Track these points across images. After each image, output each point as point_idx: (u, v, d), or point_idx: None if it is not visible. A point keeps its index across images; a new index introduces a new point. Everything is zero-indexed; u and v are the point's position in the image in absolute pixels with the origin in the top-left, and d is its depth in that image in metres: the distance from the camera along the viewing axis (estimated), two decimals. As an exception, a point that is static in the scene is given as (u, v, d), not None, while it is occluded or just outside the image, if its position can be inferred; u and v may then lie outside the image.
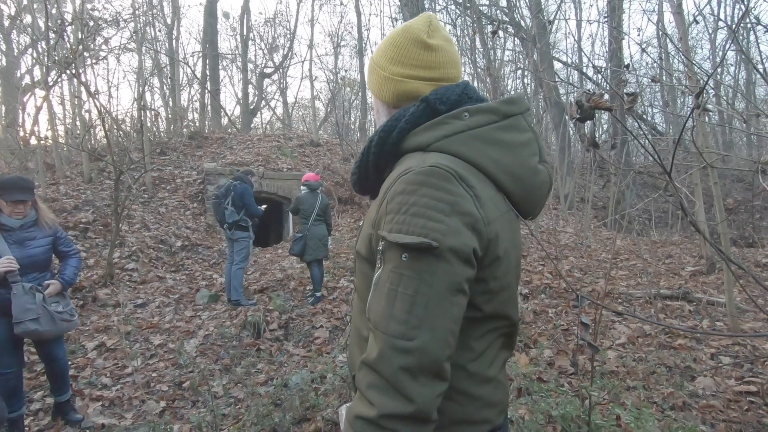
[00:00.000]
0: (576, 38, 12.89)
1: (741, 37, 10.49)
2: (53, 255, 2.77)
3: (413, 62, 0.86)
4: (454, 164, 0.75)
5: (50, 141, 8.40)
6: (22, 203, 2.57)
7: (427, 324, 0.68)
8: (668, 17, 12.72)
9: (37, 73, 10.53)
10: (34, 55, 9.84)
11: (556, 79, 10.57)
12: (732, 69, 13.95)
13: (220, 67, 17.79)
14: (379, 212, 0.78)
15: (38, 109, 8.75)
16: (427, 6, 11.58)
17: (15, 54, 11.18)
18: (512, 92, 14.42)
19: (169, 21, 16.19)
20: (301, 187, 5.34)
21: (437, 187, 0.72)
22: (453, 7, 12.41)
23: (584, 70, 12.20)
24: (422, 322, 0.68)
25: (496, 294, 0.79)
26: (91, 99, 6.51)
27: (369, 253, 0.82)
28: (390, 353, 0.67)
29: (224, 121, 15.86)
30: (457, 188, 0.73)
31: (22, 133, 7.69)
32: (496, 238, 0.76)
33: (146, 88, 12.92)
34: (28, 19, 9.73)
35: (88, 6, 9.64)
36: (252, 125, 18.17)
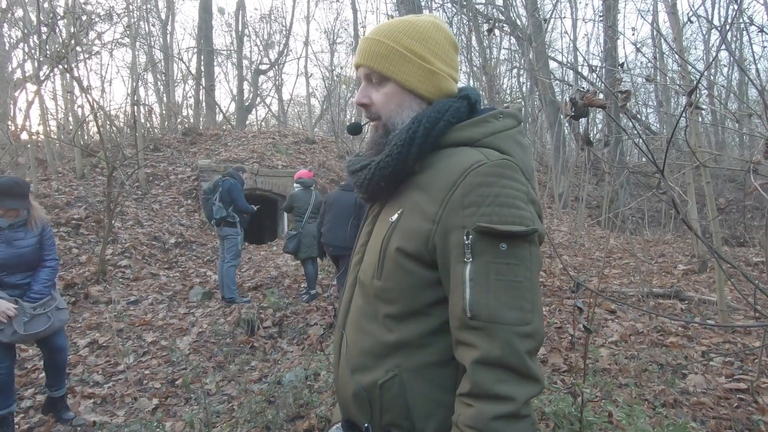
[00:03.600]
0: (571, 37, 12.92)
1: (734, 38, 10.57)
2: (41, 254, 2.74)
3: (449, 61, 0.89)
4: (512, 159, 0.80)
5: (42, 136, 8.31)
6: (15, 210, 2.57)
7: (537, 306, 0.74)
8: (663, 17, 12.80)
9: (28, 67, 10.42)
10: (26, 49, 9.74)
11: (552, 78, 10.60)
12: (725, 70, 14.06)
13: (215, 63, 17.69)
14: (448, 206, 0.76)
15: (30, 104, 8.66)
16: (423, 4, 11.56)
17: (6, 48, 11.04)
18: (508, 91, 14.45)
19: (163, 16, 16.06)
20: (295, 185, 5.32)
21: (513, 179, 0.76)
22: (449, 5, 12.40)
23: (579, 70, 12.24)
24: (533, 305, 0.73)
25: None
26: (83, 94, 6.44)
27: (421, 249, 0.78)
28: (516, 342, 0.70)
29: (219, 117, 15.77)
30: (524, 179, 0.79)
31: (13, 128, 7.60)
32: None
33: (140, 83, 12.81)
34: (19, 12, 9.60)
35: (81, 0, 9.52)
36: (247, 122, 18.08)
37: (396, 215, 0.84)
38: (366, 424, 0.84)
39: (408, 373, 0.80)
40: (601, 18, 10.71)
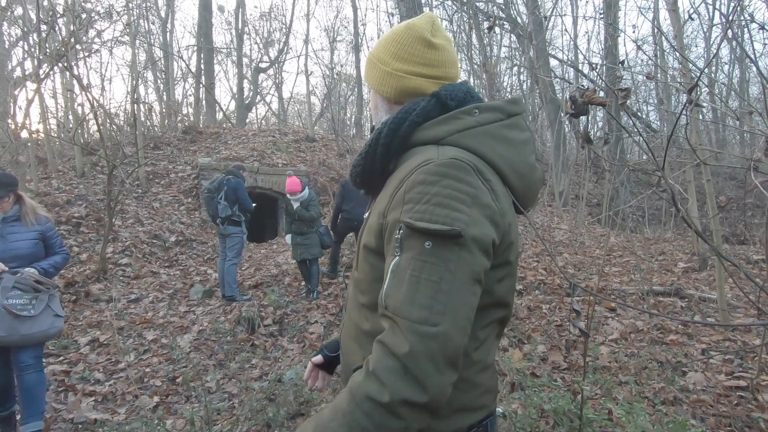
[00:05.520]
0: (572, 35, 12.90)
1: (736, 35, 10.52)
2: (43, 252, 2.68)
3: (417, 59, 0.89)
4: (471, 158, 0.78)
5: (42, 135, 8.31)
6: None
7: (451, 311, 0.69)
8: (664, 14, 12.76)
9: (28, 65, 10.40)
10: (26, 47, 9.72)
11: (552, 76, 10.58)
12: (726, 67, 14.03)
13: (215, 61, 17.65)
14: (393, 202, 0.78)
15: (30, 102, 8.63)
16: (423, 2, 11.53)
17: (6, 46, 11.02)
18: (508, 89, 14.43)
19: (163, 14, 16.05)
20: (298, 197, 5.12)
21: (458, 179, 0.74)
22: (450, 2, 12.37)
23: (580, 67, 12.22)
24: (446, 308, 0.68)
25: (507, 279, 0.83)
26: (83, 92, 6.43)
27: (378, 244, 0.81)
28: (414, 339, 0.67)
29: (219, 115, 15.75)
30: (476, 181, 0.75)
31: (13, 127, 7.59)
32: (509, 228, 0.80)
33: (140, 81, 12.80)
34: (19, 10, 9.59)
35: (81, -2, 9.50)
36: (247, 120, 18.06)
37: (368, 212, 0.90)
38: None
39: None
40: (602, 15, 10.68)
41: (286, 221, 5.43)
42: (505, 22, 11.77)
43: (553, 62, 12.84)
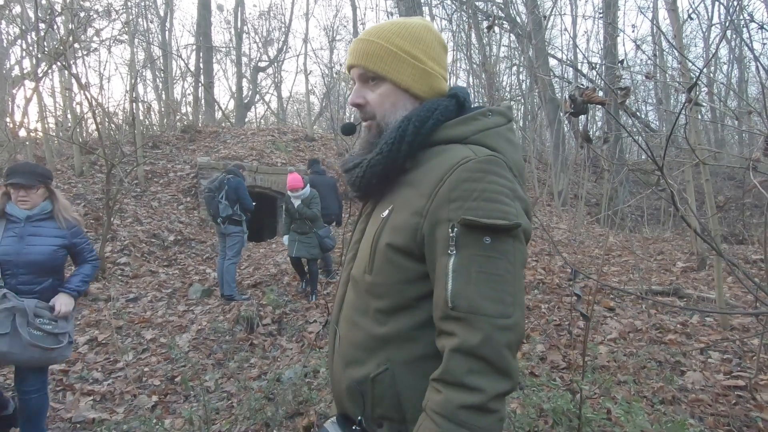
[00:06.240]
0: (571, 35, 12.90)
1: (735, 33, 10.54)
2: (64, 261, 2.37)
3: (440, 61, 0.92)
4: (500, 155, 0.82)
5: (40, 133, 8.29)
6: (23, 188, 2.24)
7: (518, 300, 0.74)
8: (663, 14, 12.77)
9: (26, 64, 10.37)
10: (24, 46, 9.68)
11: (551, 76, 10.57)
12: (725, 67, 14.05)
13: (214, 60, 17.63)
14: (435, 200, 0.77)
15: (28, 101, 8.61)
16: (422, 1, 11.53)
17: (4, 45, 10.99)
18: (507, 88, 14.43)
19: (161, 13, 16.02)
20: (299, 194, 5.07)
21: (500, 175, 0.78)
22: (449, 2, 12.37)
23: (579, 67, 12.22)
24: (514, 299, 0.73)
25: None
26: (82, 91, 6.42)
27: (409, 243, 0.80)
28: (496, 334, 0.70)
29: (218, 114, 15.74)
30: (512, 176, 0.80)
31: (11, 126, 7.58)
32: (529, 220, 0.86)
33: (138, 80, 12.78)
34: (17, 9, 9.56)
35: (79, -4, 9.47)
36: (246, 119, 18.04)
37: (387, 212, 0.86)
38: (359, 417, 0.86)
39: (398, 366, 0.81)
40: (601, 15, 10.68)
41: (285, 221, 5.31)
42: (504, 22, 11.77)
43: (552, 62, 12.85)
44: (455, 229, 0.74)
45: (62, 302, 2.25)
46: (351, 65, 0.91)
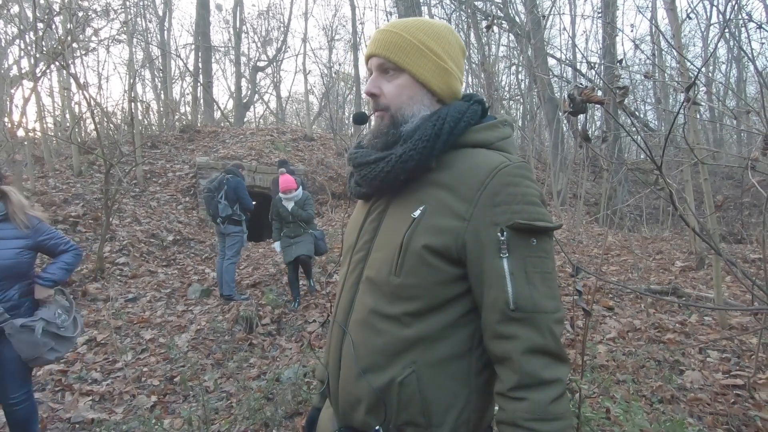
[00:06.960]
0: (570, 34, 12.90)
1: (731, 36, 10.54)
2: (31, 264, 2.20)
3: (459, 63, 0.93)
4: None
5: (39, 133, 8.27)
6: None
7: (558, 294, 0.81)
8: (662, 14, 12.77)
9: (24, 64, 10.35)
10: (22, 45, 9.67)
11: (550, 75, 10.58)
12: (723, 67, 14.07)
13: (213, 60, 17.62)
14: (479, 204, 0.79)
15: (26, 101, 8.59)
16: (422, 0, 11.52)
17: (2, 44, 10.96)
18: (506, 88, 14.43)
19: (160, 12, 15.99)
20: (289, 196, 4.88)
21: (533, 180, 0.83)
22: (448, 1, 12.37)
23: (578, 66, 12.23)
24: (558, 293, 0.81)
25: None
26: (80, 91, 6.41)
27: (448, 245, 0.79)
28: (555, 328, 0.77)
29: (217, 114, 15.73)
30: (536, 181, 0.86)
31: (9, 125, 7.55)
32: None
33: (137, 80, 12.76)
34: (15, 8, 9.54)
35: (78, -4, 9.45)
36: (245, 119, 18.03)
37: (418, 211, 0.82)
38: (377, 427, 0.82)
39: (425, 367, 0.81)
40: (600, 15, 10.69)
41: (275, 227, 4.99)
42: (503, 21, 11.77)
43: (551, 61, 12.85)
44: (505, 232, 0.77)
45: (40, 292, 2.17)
46: (371, 54, 0.89)
